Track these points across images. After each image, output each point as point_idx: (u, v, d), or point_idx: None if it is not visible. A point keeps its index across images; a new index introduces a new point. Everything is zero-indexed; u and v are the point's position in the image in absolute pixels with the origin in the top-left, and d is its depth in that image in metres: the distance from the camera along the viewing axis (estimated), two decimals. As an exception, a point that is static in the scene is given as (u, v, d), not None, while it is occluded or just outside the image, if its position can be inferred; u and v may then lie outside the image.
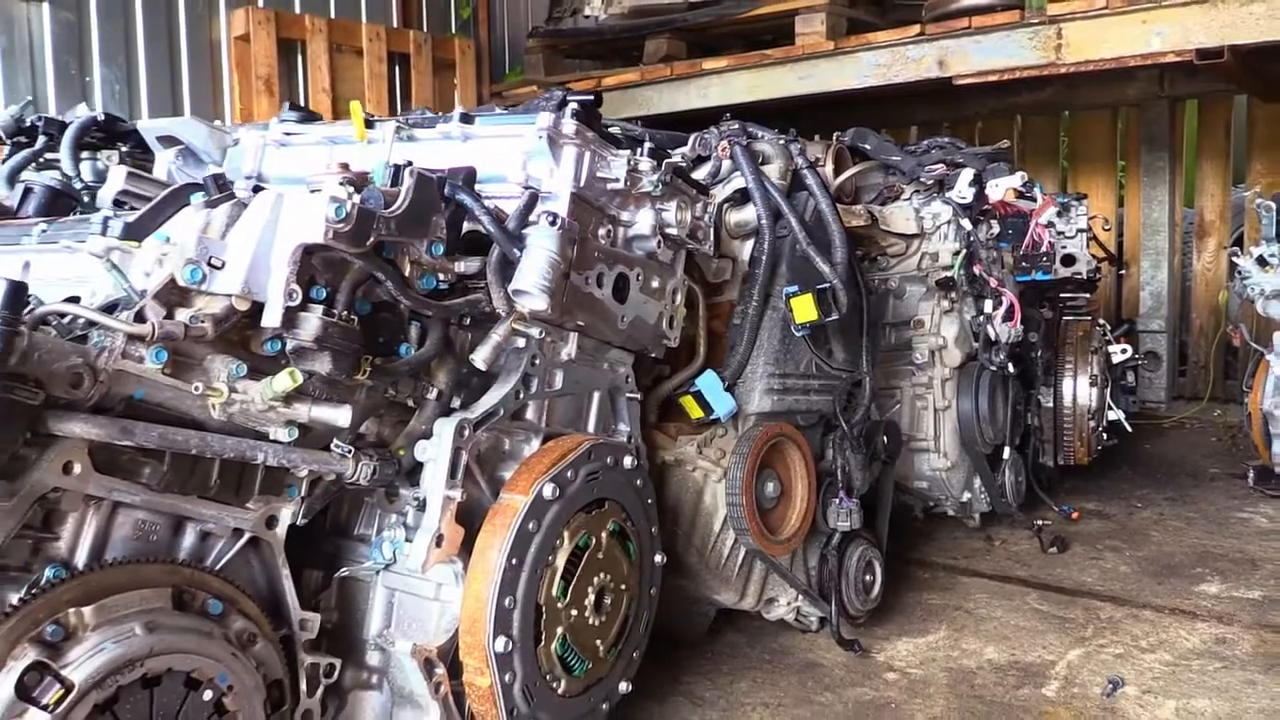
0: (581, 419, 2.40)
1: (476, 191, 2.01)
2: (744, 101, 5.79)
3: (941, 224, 3.62)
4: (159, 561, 1.73)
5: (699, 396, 2.63)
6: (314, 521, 2.04)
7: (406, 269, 1.91)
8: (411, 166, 1.87)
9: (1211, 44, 4.45)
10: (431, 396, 2.06)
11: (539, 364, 2.19)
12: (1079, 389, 4.27)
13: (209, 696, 1.67)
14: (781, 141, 2.94)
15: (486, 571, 1.96)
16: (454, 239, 1.99)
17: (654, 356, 2.54)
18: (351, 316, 1.81)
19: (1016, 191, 3.76)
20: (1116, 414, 4.50)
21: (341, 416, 1.82)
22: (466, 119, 2.30)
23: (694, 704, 2.67)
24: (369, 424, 2.02)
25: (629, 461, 2.29)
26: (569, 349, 2.26)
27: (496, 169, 2.19)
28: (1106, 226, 5.91)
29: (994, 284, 3.64)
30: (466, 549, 2.03)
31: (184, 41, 5.68)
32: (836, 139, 3.80)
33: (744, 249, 2.86)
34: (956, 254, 3.58)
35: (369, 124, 2.37)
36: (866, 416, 3.03)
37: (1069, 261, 4.61)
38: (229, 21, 5.82)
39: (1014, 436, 3.92)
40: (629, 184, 2.25)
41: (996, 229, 3.80)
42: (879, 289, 3.59)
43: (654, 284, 2.40)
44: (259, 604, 1.84)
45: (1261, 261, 4.32)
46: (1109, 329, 4.64)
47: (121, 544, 1.73)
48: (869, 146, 3.82)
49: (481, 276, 2.02)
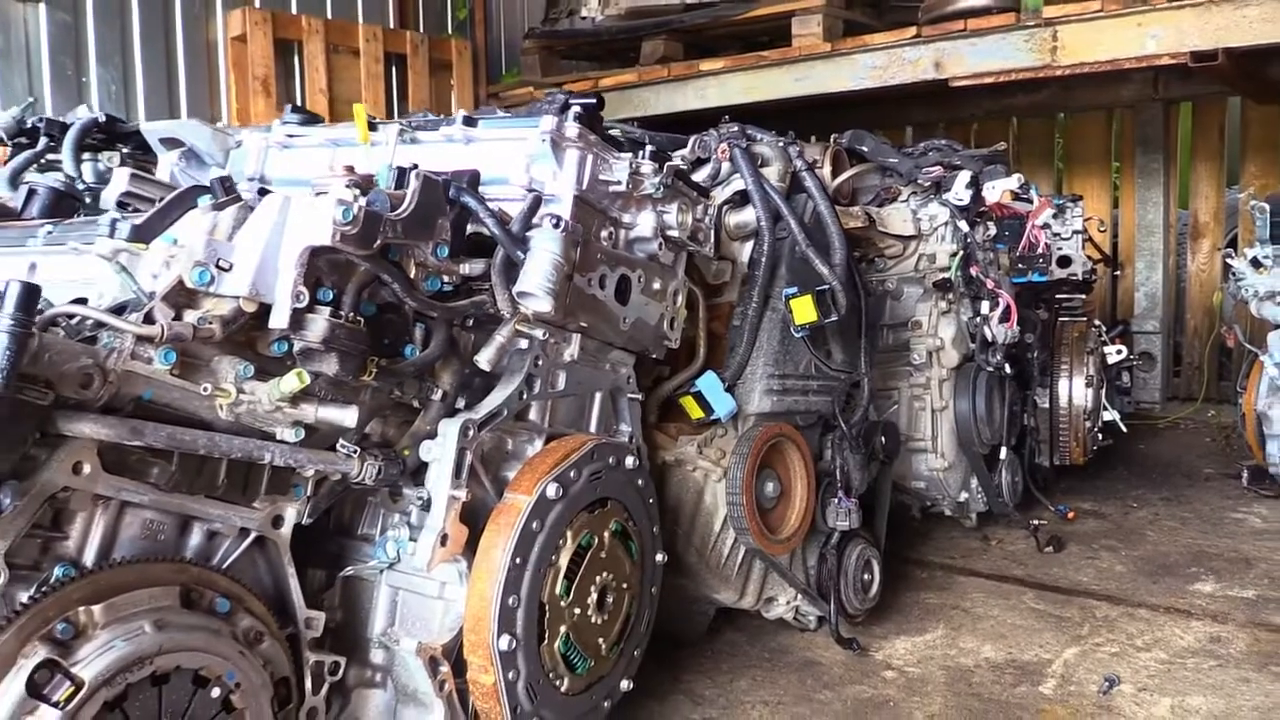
0: (583, 419, 2.42)
1: (480, 194, 2.02)
2: (740, 103, 5.81)
3: (939, 226, 3.63)
4: (167, 560, 1.74)
5: (699, 397, 2.65)
6: (317, 521, 2.04)
7: (412, 271, 1.93)
8: (417, 169, 1.89)
9: (1206, 46, 4.47)
10: (436, 397, 2.07)
11: (542, 365, 2.21)
12: (1075, 390, 4.30)
13: (217, 694, 1.68)
14: (780, 144, 2.96)
15: (491, 570, 1.97)
16: (458, 241, 2.01)
17: (655, 357, 2.56)
18: (358, 318, 1.83)
19: (1013, 193, 3.78)
20: (1112, 414, 4.53)
21: (348, 417, 1.84)
22: (469, 122, 2.31)
23: (694, 702, 2.68)
24: (374, 424, 2.03)
25: (631, 461, 2.30)
26: (571, 350, 2.27)
27: (499, 172, 2.21)
28: (1102, 228, 5.93)
29: (991, 285, 3.66)
30: (470, 548, 2.04)
31: (180, 42, 5.67)
32: (834, 141, 3.81)
33: (743, 250, 2.87)
34: (953, 255, 3.59)
35: (372, 127, 2.38)
36: (865, 417, 3.05)
37: (1065, 263, 4.63)
38: (225, 22, 5.82)
39: (1010, 437, 3.94)
40: (631, 187, 2.27)
41: (993, 231, 3.82)
42: (877, 290, 3.61)
43: (655, 286, 2.42)
44: (265, 603, 1.85)
45: (1256, 263, 4.33)
46: (1104, 330, 4.67)
47: (129, 543, 1.74)
48: (866, 148, 3.83)
49: (486, 278, 2.03)
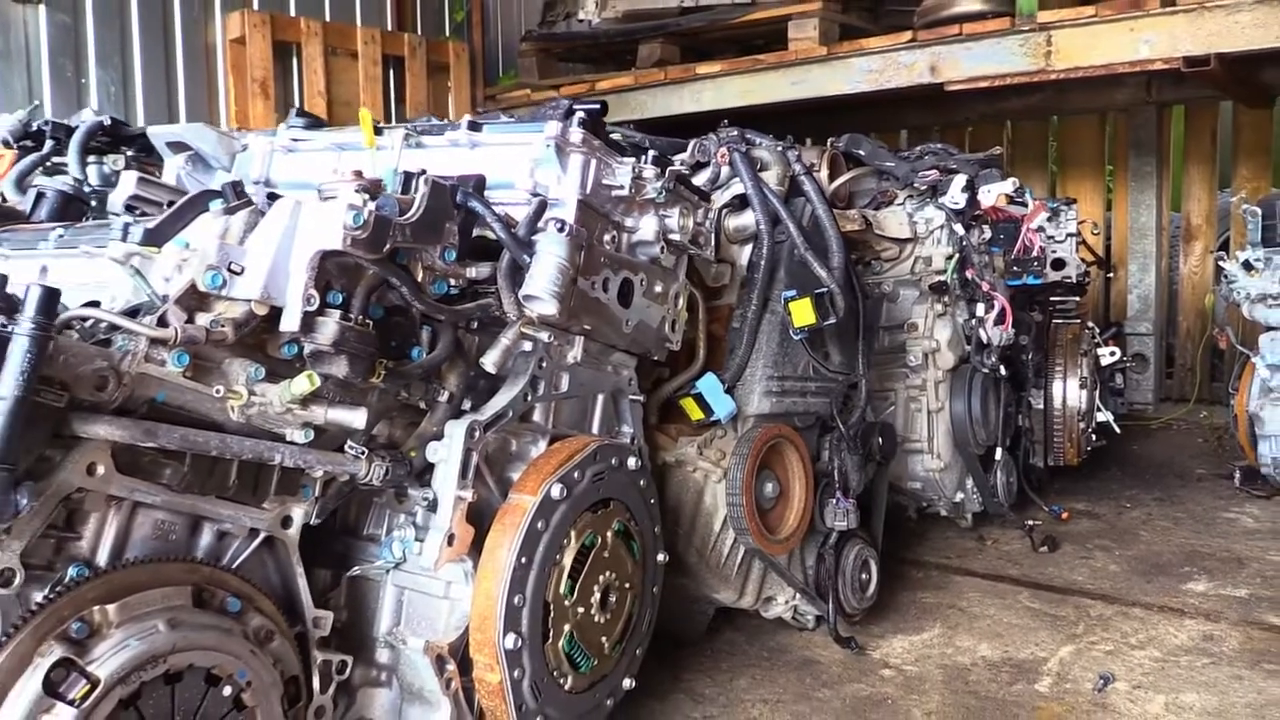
0: (586, 421, 2.44)
1: (486, 199, 2.05)
2: (737, 106, 5.84)
3: (934, 229, 3.67)
4: (179, 560, 1.77)
5: (700, 398, 2.67)
6: (324, 522, 2.07)
7: (419, 274, 1.96)
8: (426, 174, 1.91)
9: (1198, 52, 4.52)
10: (443, 399, 2.09)
11: (546, 367, 2.23)
12: (1069, 391, 4.33)
13: (228, 692, 1.70)
14: (779, 148, 2.99)
15: (497, 570, 2.00)
16: (464, 245, 2.03)
17: (655, 359, 2.59)
18: (367, 321, 1.85)
19: (1008, 197, 3.81)
20: (1105, 415, 4.57)
21: (357, 418, 1.86)
22: (474, 127, 2.34)
23: (694, 701, 2.71)
24: (380, 426, 2.06)
25: (633, 462, 2.33)
26: (575, 352, 2.30)
27: (504, 176, 2.23)
28: (1095, 231, 5.99)
29: (986, 288, 3.70)
30: (475, 548, 2.06)
31: (179, 44, 5.69)
32: (831, 145, 3.85)
33: (742, 254, 2.91)
34: (949, 258, 3.62)
35: (377, 131, 2.40)
36: (862, 418, 3.08)
37: (1059, 265, 4.67)
38: (224, 24, 5.84)
39: (1005, 438, 3.97)
40: (634, 191, 2.30)
41: (988, 234, 3.86)
42: (873, 293, 3.64)
43: (657, 288, 2.45)
44: (274, 602, 1.88)
45: (1247, 266, 4.38)
46: (1098, 332, 4.71)
47: (141, 543, 1.76)
48: (863, 152, 3.87)
49: (492, 282, 2.06)
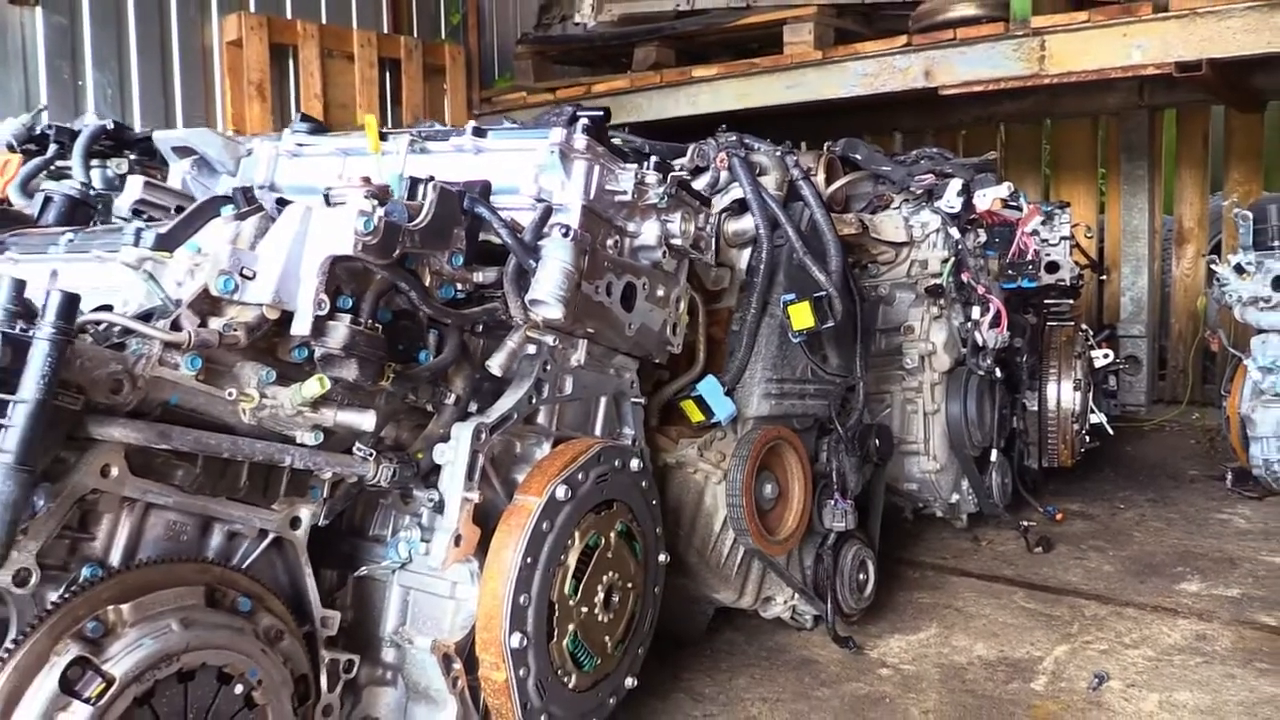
0: (589, 423, 2.47)
1: (493, 205, 2.08)
2: (733, 109, 5.88)
3: (930, 232, 3.70)
4: (191, 560, 1.79)
5: (700, 400, 2.70)
6: (329, 523, 2.09)
7: (427, 279, 1.99)
8: (434, 181, 1.94)
9: (1190, 57, 4.56)
10: (449, 401, 2.12)
11: (550, 370, 2.26)
12: (1063, 393, 4.37)
13: (240, 690, 1.73)
14: (778, 153, 3.02)
15: (502, 570, 2.03)
16: (470, 249, 2.06)
17: (657, 362, 2.62)
18: (376, 325, 1.88)
19: (1003, 201, 3.85)
20: (1099, 417, 4.60)
21: (366, 421, 1.89)
22: (479, 133, 2.37)
23: (695, 700, 2.74)
24: (388, 428, 2.08)
25: (635, 464, 2.36)
26: (578, 355, 2.33)
27: (508, 181, 2.26)
28: (1089, 234, 6.03)
29: (981, 291, 3.74)
30: (481, 549, 2.09)
31: (176, 46, 5.71)
32: (828, 149, 3.88)
33: (741, 257, 2.94)
34: (945, 262, 3.66)
35: (382, 136, 2.43)
36: (860, 420, 3.12)
37: (1053, 268, 4.72)
38: (221, 27, 5.86)
39: (1000, 439, 4.01)
40: (636, 196, 2.33)
41: (984, 237, 3.90)
42: (870, 296, 3.67)
43: (659, 292, 2.48)
44: (283, 602, 1.90)
45: (1239, 269, 4.42)
46: (1091, 334, 4.74)
47: (153, 544, 1.79)
48: (859, 156, 3.90)
49: (498, 286, 2.09)
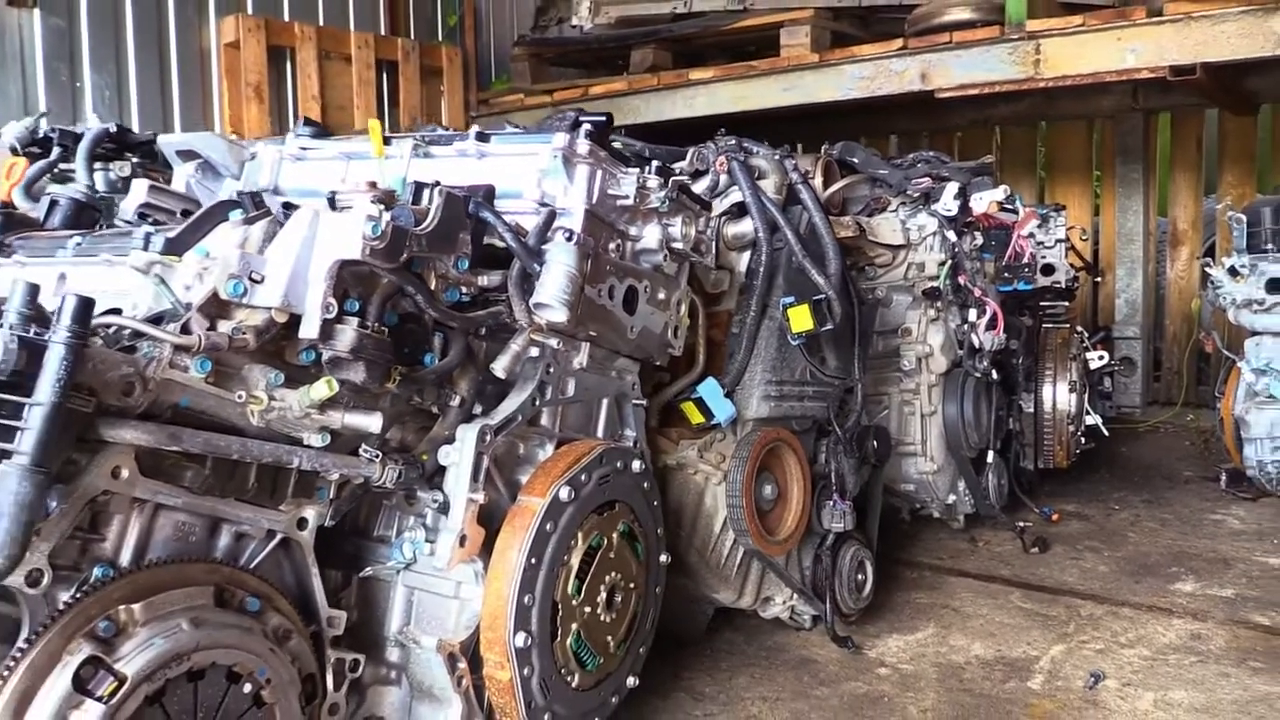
0: (591, 424, 2.50)
1: (497, 209, 2.10)
2: (729, 112, 5.89)
3: (927, 235, 3.72)
4: (200, 561, 1.81)
5: (700, 402, 2.72)
6: (334, 524, 2.11)
7: (433, 283, 2.01)
8: (440, 185, 1.96)
9: (1184, 61, 4.59)
10: (454, 403, 2.14)
11: (553, 372, 2.29)
12: (1058, 394, 4.40)
13: (249, 689, 1.75)
14: (776, 157, 3.04)
15: (507, 570, 2.05)
16: (475, 253, 2.08)
17: (657, 364, 2.64)
18: (382, 328, 1.90)
19: (999, 204, 3.87)
20: (1094, 418, 4.63)
21: (373, 423, 1.91)
22: (482, 137, 2.39)
23: (695, 699, 2.76)
24: (393, 430, 2.10)
25: (637, 465, 2.38)
26: (581, 358, 2.35)
27: (511, 186, 2.28)
28: (1084, 236, 6.06)
29: (978, 293, 3.76)
30: (485, 549, 2.11)
31: (174, 48, 5.72)
32: (825, 152, 3.91)
33: (741, 260, 2.96)
34: (942, 264, 3.68)
35: (386, 141, 2.45)
36: (858, 422, 3.14)
37: (1048, 271, 4.75)
38: (219, 29, 5.87)
39: (997, 441, 4.04)
40: (638, 200, 2.35)
41: (980, 240, 3.92)
42: (869, 299, 3.70)
43: (660, 295, 2.50)
44: (290, 602, 1.92)
45: (1233, 272, 4.44)
46: (1086, 336, 4.77)
47: (162, 544, 1.80)
48: (857, 160, 3.92)
49: (502, 289, 2.11)
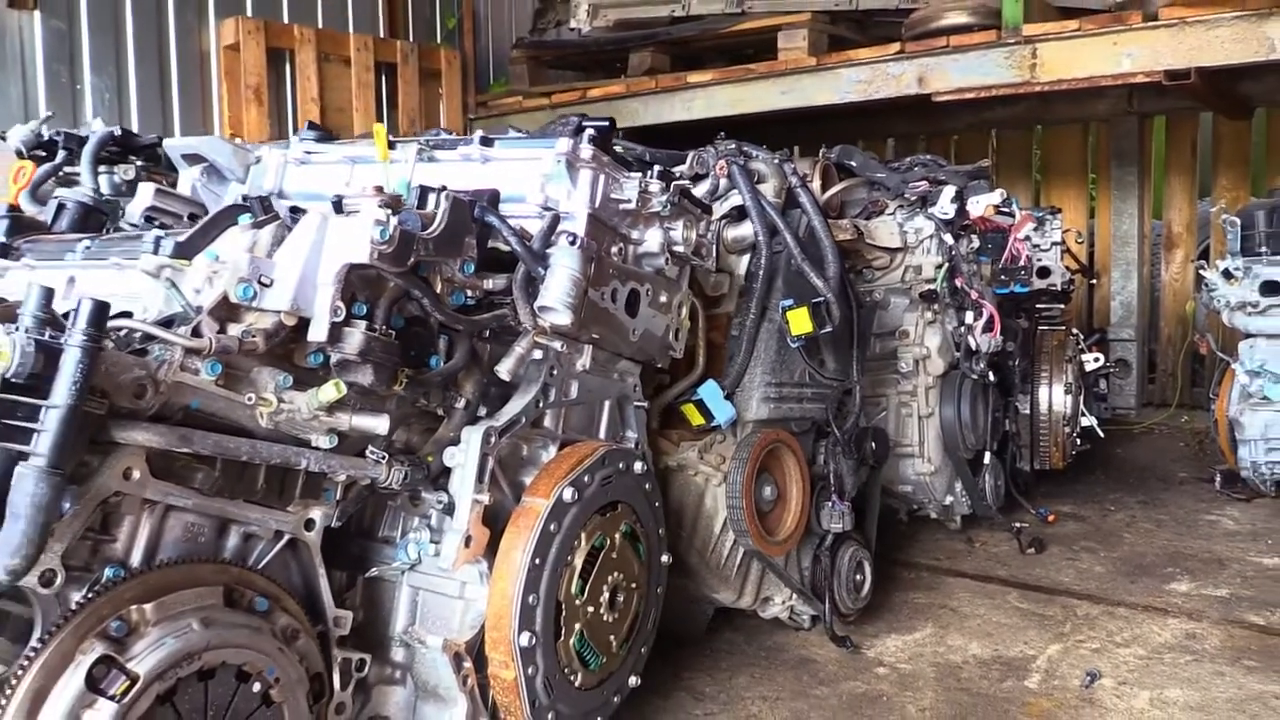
0: (593, 426, 2.52)
1: (502, 214, 2.12)
2: (727, 115, 5.93)
3: (924, 238, 3.74)
4: (210, 561, 1.83)
5: (700, 404, 2.75)
6: (340, 525, 2.14)
7: (439, 286, 2.03)
8: (446, 190, 1.98)
9: (1179, 65, 4.63)
10: (459, 405, 2.17)
11: (557, 375, 2.31)
12: (1054, 396, 4.42)
13: (258, 688, 1.77)
14: (776, 161, 3.07)
15: (512, 570, 2.07)
16: (480, 257, 2.11)
17: (658, 366, 2.67)
18: (389, 331, 1.93)
19: (996, 208, 3.90)
20: (1089, 420, 4.66)
21: (380, 425, 1.93)
22: (486, 142, 2.42)
23: (695, 698, 2.79)
24: (399, 432, 2.13)
25: (639, 466, 2.41)
26: (584, 360, 2.37)
27: (515, 190, 2.31)
28: (1079, 239, 6.09)
29: (975, 296, 3.79)
30: (489, 549, 2.13)
31: (174, 50, 5.74)
32: (823, 156, 3.94)
33: (740, 263, 2.98)
34: (939, 267, 3.71)
35: (390, 145, 2.47)
36: (856, 423, 3.17)
37: (1044, 273, 4.78)
38: (218, 31, 5.89)
39: (993, 442, 4.06)
40: (640, 204, 2.37)
41: (977, 243, 3.95)
42: (867, 301, 3.72)
43: (662, 298, 2.53)
44: (298, 602, 1.95)
45: (1227, 274, 4.47)
46: (1082, 338, 4.80)
47: (172, 545, 1.82)
48: (855, 163, 3.95)
49: (507, 293, 2.14)
